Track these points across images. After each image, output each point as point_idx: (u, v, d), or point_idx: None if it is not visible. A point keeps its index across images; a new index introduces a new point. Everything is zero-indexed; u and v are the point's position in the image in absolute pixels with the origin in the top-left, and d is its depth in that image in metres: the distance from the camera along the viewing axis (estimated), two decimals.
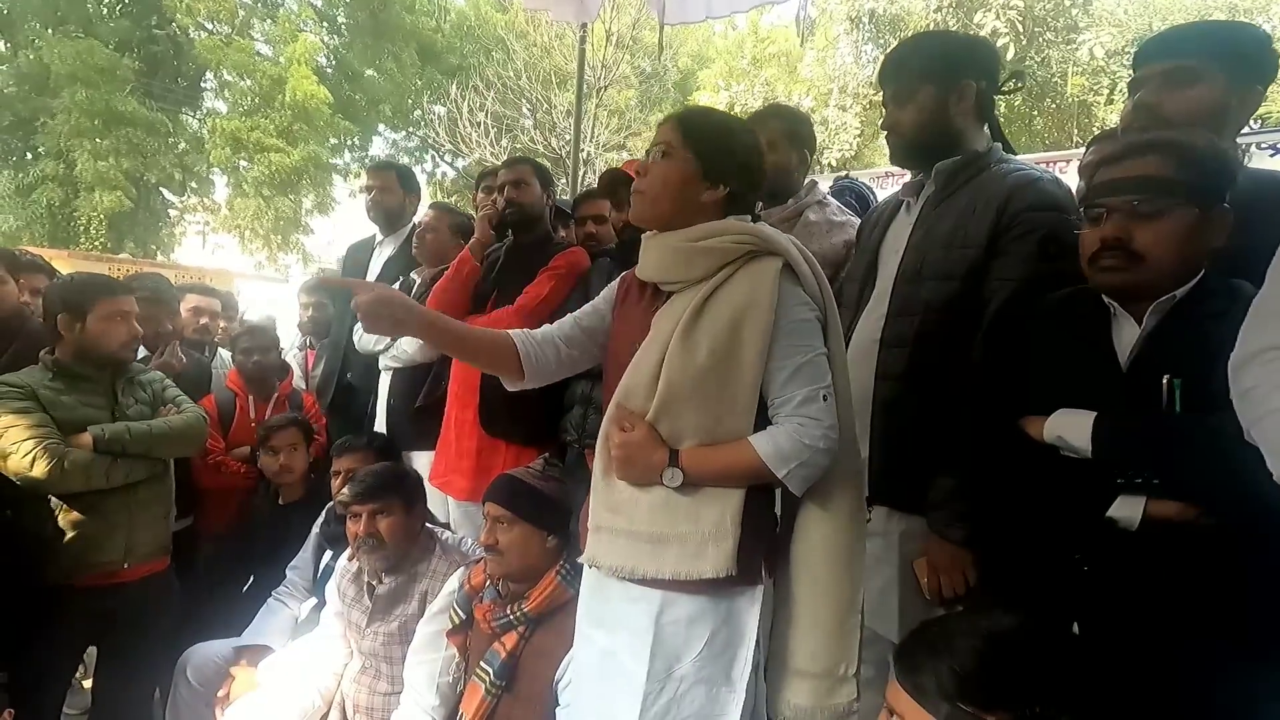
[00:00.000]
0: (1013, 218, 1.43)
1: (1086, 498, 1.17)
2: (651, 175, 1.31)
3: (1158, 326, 1.16)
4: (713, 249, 1.26)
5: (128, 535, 2.07)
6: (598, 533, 1.30)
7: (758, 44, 15.50)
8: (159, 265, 13.13)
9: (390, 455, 2.36)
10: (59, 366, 2.05)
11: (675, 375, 1.22)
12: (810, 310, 1.25)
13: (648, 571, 1.22)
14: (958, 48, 1.62)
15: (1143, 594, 1.13)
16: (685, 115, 1.35)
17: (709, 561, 1.19)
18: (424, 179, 20.11)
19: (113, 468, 2.01)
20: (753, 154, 1.34)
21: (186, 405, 2.27)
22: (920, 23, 12.77)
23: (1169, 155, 1.14)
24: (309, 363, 3.48)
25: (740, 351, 1.20)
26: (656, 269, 1.33)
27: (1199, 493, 1.09)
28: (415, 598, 1.94)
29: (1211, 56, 1.34)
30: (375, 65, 17.84)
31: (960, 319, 1.47)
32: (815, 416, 1.20)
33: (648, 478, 1.24)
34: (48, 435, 1.92)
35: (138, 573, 2.11)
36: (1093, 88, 13.07)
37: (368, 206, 3.02)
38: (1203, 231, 1.13)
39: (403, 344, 2.56)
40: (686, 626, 1.22)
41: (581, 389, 2.12)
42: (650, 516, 1.24)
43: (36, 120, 15.20)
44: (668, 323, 1.26)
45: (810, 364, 1.22)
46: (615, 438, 1.26)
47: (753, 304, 1.21)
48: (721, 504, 1.21)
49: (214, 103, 17.89)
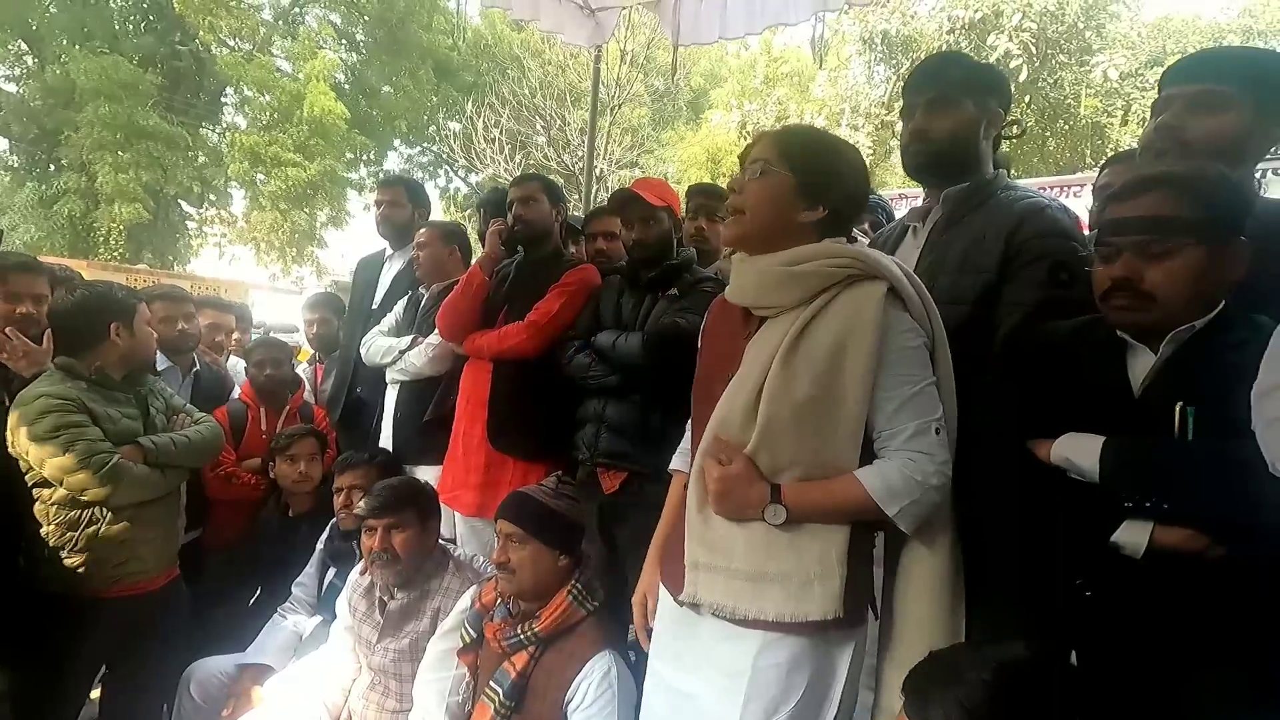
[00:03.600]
0: (1023, 244, 1.43)
1: (1092, 522, 1.15)
2: (747, 192, 1.25)
3: (1174, 355, 1.15)
4: (811, 273, 1.20)
5: (140, 548, 2.06)
6: (695, 570, 1.24)
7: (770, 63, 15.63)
8: (175, 276, 13.37)
9: (394, 471, 2.36)
10: (101, 376, 2.01)
11: (775, 406, 1.17)
12: (918, 337, 1.20)
13: (749, 612, 1.17)
14: (995, 72, 1.64)
15: (1145, 622, 1.11)
16: (784, 131, 1.31)
17: (815, 603, 1.14)
18: (437, 194, 20.39)
19: (161, 479, 2.04)
20: (858, 175, 1.28)
21: (200, 414, 2.29)
22: (933, 44, 12.82)
23: (1177, 192, 1.12)
24: (318, 377, 3.51)
25: (843, 381, 1.15)
26: (749, 293, 1.27)
27: (1207, 520, 1.08)
28: (427, 614, 1.94)
29: (1241, 84, 1.31)
30: (392, 82, 18.17)
31: (972, 343, 1.47)
32: (927, 451, 1.15)
33: (747, 513, 1.19)
34: (108, 449, 1.93)
35: (150, 585, 2.11)
36: (1106, 109, 13.06)
37: (377, 221, 3.05)
38: (1216, 267, 1.11)
39: (410, 358, 2.57)
40: (787, 672, 1.17)
41: (594, 406, 2.12)
42: (749, 554, 1.19)
43: (61, 133, 15.53)
44: (763, 351, 1.21)
45: (921, 394, 1.17)
46: (713, 471, 1.21)
47: (855, 331, 1.15)
48: (825, 541, 1.16)
49: (234, 117, 18.29)
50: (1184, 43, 13.93)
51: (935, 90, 1.54)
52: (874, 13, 12.72)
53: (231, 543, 2.71)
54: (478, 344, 2.34)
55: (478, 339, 2.34)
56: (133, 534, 2.01)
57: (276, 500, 2.70)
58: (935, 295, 1.53)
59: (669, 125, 18.50)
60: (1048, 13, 11.86)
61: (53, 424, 1.87)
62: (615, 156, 15.25)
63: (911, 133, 1.58)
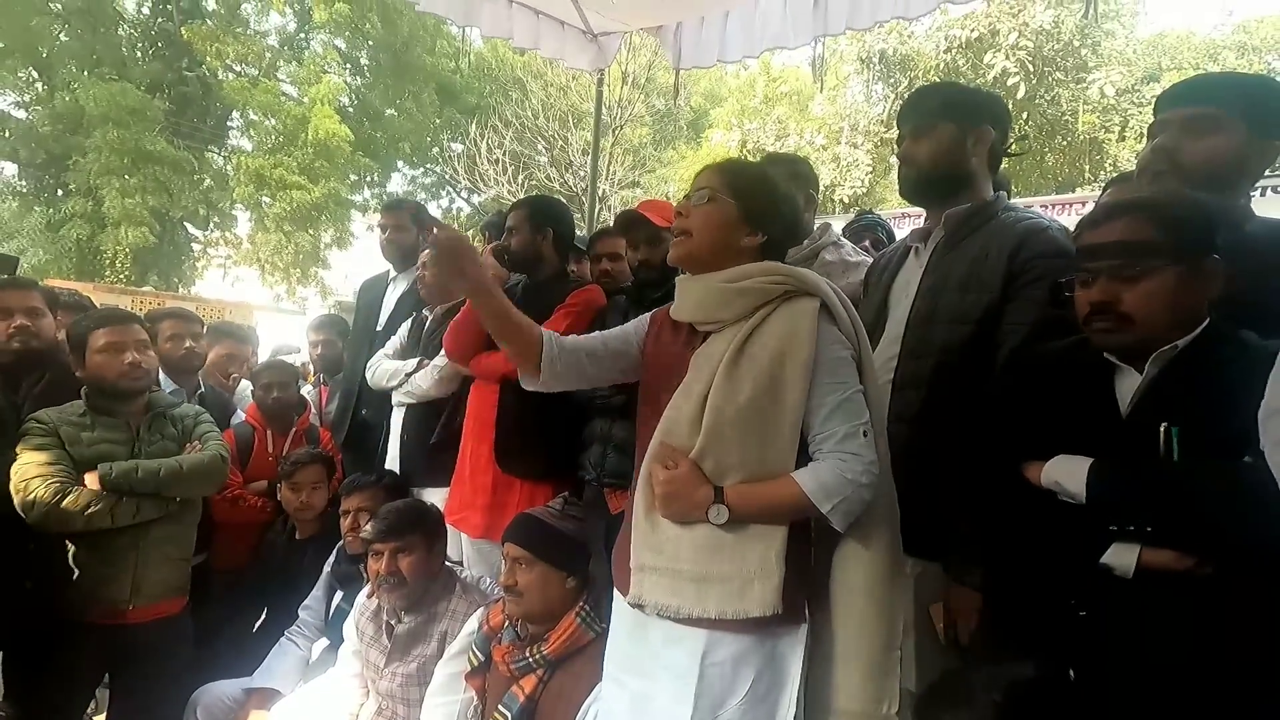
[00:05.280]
0: (1024, 264, 1.46)
1: (1083, 543, 1.18)
2: (694, 217, 1.34)
3: (1159, 375, 1.17)
4: (750, 289, 1.29)
5: (135, 575, 2.04)
6: (641, 572, 1.30)
7: (770, 83, 15.79)
8: (180, 298, 13.44)
9: (400, 493, 2.36)
10: (90, 402, 2.08)
11: (719, 413, 1.24)
12: (846, 349, 1.29)
13: (692, 611, 1.23)
14: (979, 95, 1.71)
15: (1138, 641, 1.13)
16: (728, 164, 1.41)
17: (755, 600, 1.20)
18: (441, 214, 20.51)
19: (119, 507, 1.96)
20: (792, 205, 1.42)
21: (212, 442, 2.24)
22: (930, 63, 12.99)
23: (1146, 216, 1.16)
24: (323, 399, 3.52)
25: (782, 389, 1.23)
26: (694, 309, 1.36)
27: (1191, 541, 1.09)
28: (434, 638, 1.94)
29: (1235, 107, 1.35)
30: (396, 105, 18.38)
31: (974, 362, 1.49)
32: (856, 452, 1.22)
33: (692, 514, 1.25)
34: (55, 473, 1.91)
35: (146, 614, 2.07)
36: (1104, 125, 13.18)
37: (382, 245, 3.08)
38: (1192, 285, 1.14)
39: (417, 379, 2.58)
40: (732, 668, 1.22)
41: (601, 427, 2.13)
42: (694, 555, 1.24)
43: (69, 159, 15.72)
44: (709, 361, 1.28)
45: (849, 400, 1.25)
46: (660, 474, 1.27)
47: (793, 343, 1.24)
48: (765, 541, 1.22)
49: (239, 141, 18.47)
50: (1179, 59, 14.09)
51: (915, 119, 1.63)
52: (872, 33, 12.87)
53: (238, 566, 2.71)
54: (485, 365, 2.35)
55: (484, 360, 2.35)
56: (99, 562, 2.00)
57: (283, 523, 2.70)
58: (938, 314, 1.57)
59: (670, 145, 18.66)
60: (1044, 31, 12.01)
61: (22, 446, 1.94)
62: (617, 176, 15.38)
63: (899, 159, 1.67)
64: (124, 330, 2.08)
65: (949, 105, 1.61)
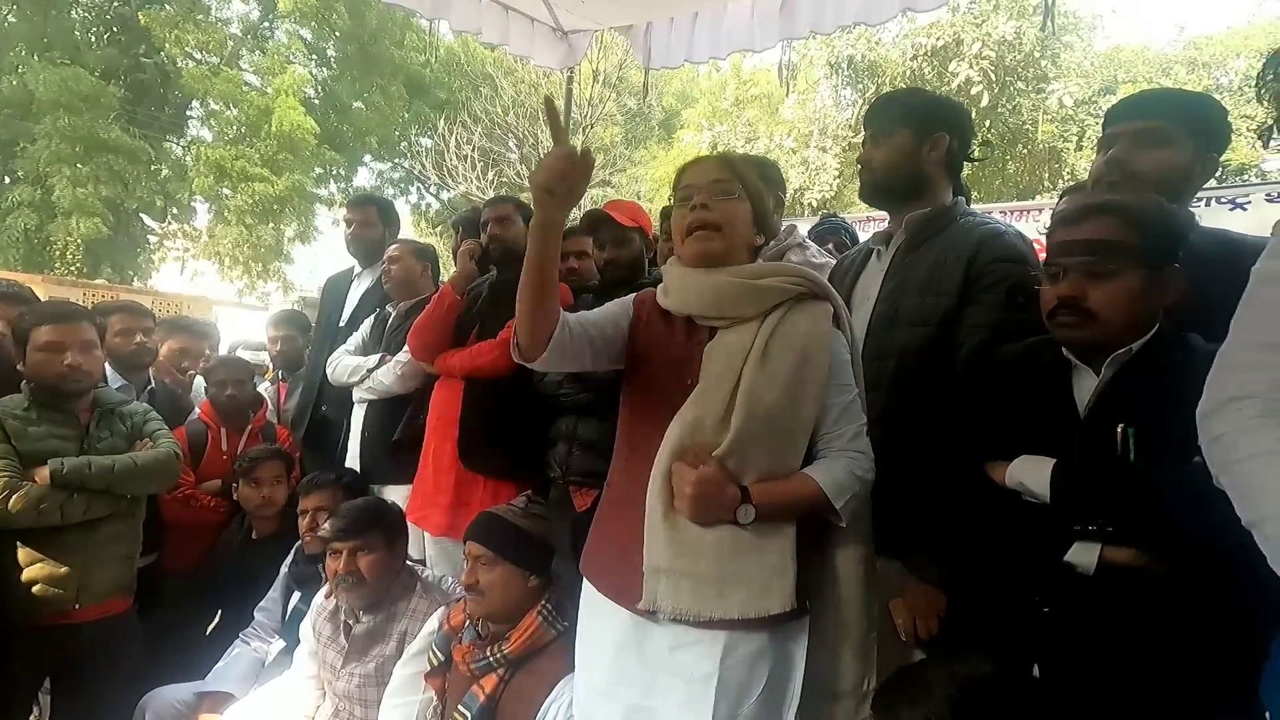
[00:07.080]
0: (982, 268, 1.49)
1: (1046, 542, 1.21)
2: (722, 211, 1.31)
3: (1114, 377, 1.21)
4: (771, 288, 1.31)
5: (82, 574, 1.99)
6: (656, 576, 1.24)
7: (740, 86, 15.87)
8: (135, 291, 13.02)
9: (360, 492, 2.32)
10: (34, 395, 2.02)
11: (752, 411, 1.23)
12: (846, 351, 1.35)
13: (714, 613, 1.21)
14: (937, 103, 1.74)
15: (1100, 636, 1.16)
16: (739, 160, 1.42)
17: (774, 597, 1.21)
18: (409, 210, 20.22)
19: (69, 503, 1.93)
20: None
21: (163, 440, 2.20)
22: (897, 69, 13.19)
23: (1122, 218, 1.19)
24: (281, 395, 3.44)
25: (805, 391, 1.26)
26: (703, 303, 1.33)
27: (1148, 539, 1.13)
28: (393, 638, 1.91)
29: (1181, 122, 1.41)
30: (363, 98, 18.02)
31: (934, 364, 1.51)
32: (864, 450, 1.29)
33: (721, 516, 1.22)
34: (3, 468, 1.86)
35: (92, 614, 2.02)
36: (1062, 134, 13.56)
37: (347, 240, 3.04)
38: (1154, 290, 1.19)
39: (379, 375, 2.55)
40: (749, 667, 1.22)
41: (566, 424, 2.12)
42: (716, 555, 1.22)
43: (16, 145, 15.11)
44: (732, 358, 1.27)
45: (855, 401, 1.32)
46: (688, 475, 1.22)
47: (815, 346, 1.28)
48: (780, 539, 1.24)
49: (199, 131, 17.96)
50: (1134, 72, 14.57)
51: (876, 125, 1.68)
52: (840, 38, 13.04)
53: (191, 567, 2.63)
54: (449, 363, 2.33)
55: (449, 358, 2.33)
56: (45, 560, 1.94)
57: (240, 523, 2.64)
58: (899, 317, 1.59)
59: (641, 144, 18.66)
60: (1006, 42, 12.28)
61: None
62: None
63: (859, 162, 1.72)
64: (67, 330, 2.01)
65: (907, 112, 1.65)
